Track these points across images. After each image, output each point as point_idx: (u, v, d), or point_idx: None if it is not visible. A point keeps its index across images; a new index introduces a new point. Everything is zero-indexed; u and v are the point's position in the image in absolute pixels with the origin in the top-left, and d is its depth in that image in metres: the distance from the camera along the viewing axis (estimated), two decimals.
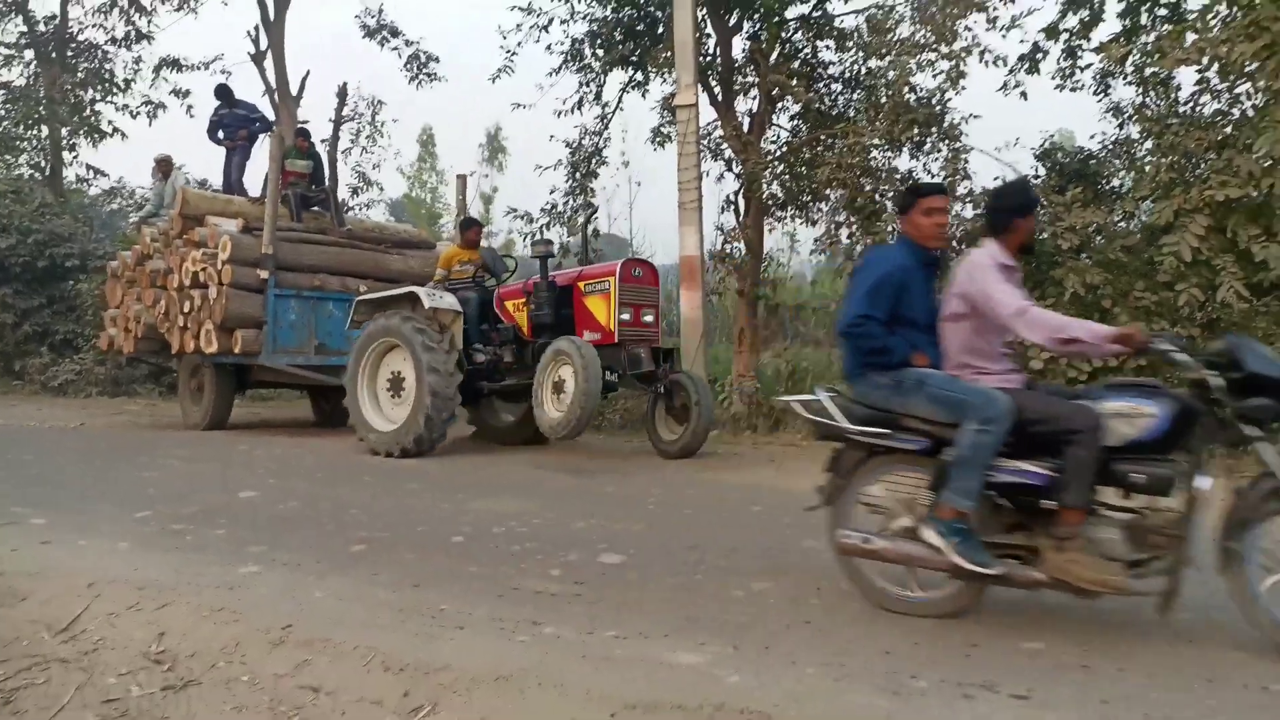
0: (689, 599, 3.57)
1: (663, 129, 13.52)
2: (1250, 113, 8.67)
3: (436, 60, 17.81)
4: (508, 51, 13.26)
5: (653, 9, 12.96)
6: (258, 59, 17.51)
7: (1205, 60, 8.29)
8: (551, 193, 13.29)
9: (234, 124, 11.23)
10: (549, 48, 13.55)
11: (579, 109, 13.61)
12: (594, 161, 13.66)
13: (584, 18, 13.24)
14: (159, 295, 9.69)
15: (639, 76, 13.47)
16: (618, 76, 13.68)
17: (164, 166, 11.40)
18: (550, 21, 13.22)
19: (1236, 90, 8.95)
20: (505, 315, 7.93)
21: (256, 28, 17.54)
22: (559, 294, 7.52)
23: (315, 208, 10.45)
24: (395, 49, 17.84)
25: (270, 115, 12.36)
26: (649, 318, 7.29)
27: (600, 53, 13.26)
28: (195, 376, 10.03)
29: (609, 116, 13.82)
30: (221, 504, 5.51)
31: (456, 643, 3.16)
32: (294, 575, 3.96)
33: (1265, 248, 7.52)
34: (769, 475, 6.71)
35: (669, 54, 11.09)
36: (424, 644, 3.14)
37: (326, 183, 11.10)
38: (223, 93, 11.51)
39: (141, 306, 10.03)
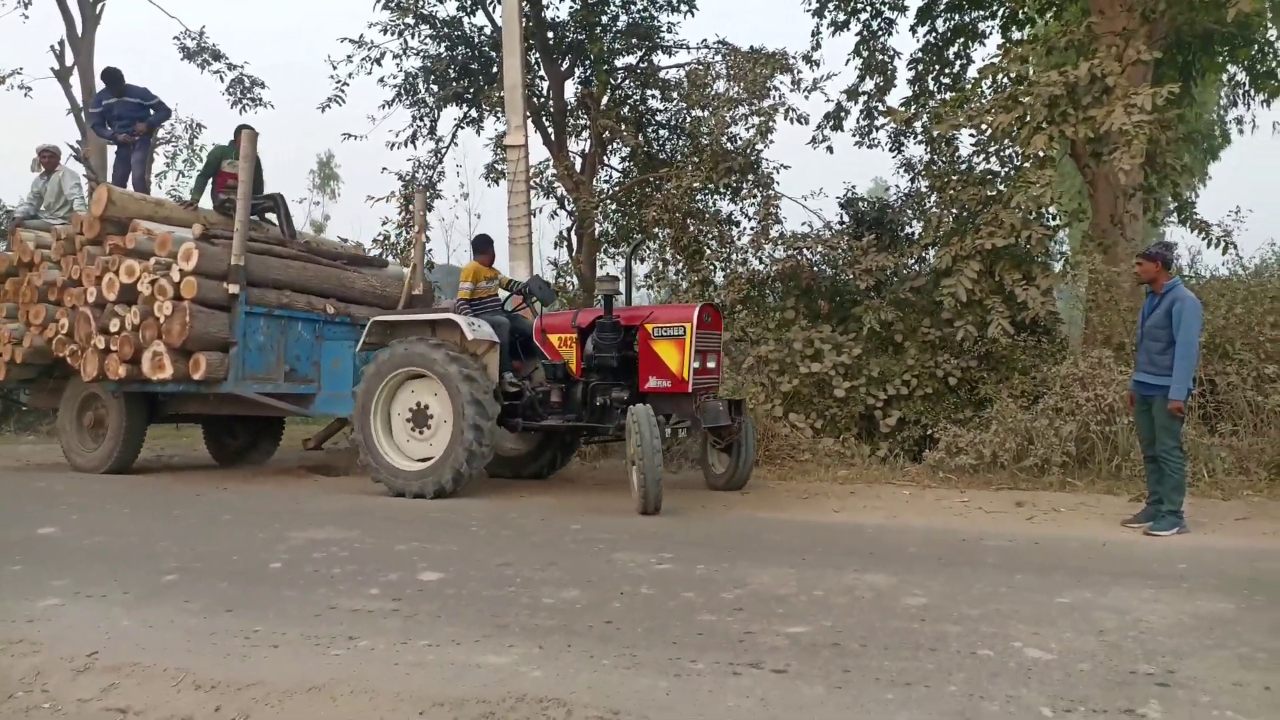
0: (503, 608, 3.81)
1: (497, 165, 13.82)
2: (1012, 173, 9.94)
3: (262, 85, 17.37)
4: (338, 82, 13.20)
5: (487, 49, 13.33)
6: (62, 75, 16.50)
7: (978, 127, 9.47)
8: (384, 224, 13.27)
9: (127, 114, 9.64)
10: (381, 80, 13.64)
11: (413, 142, 13.73)
12: (428, 194, 13.76)
13: (417, 54, 13.42)
14: (50, 311, 8.37)
15: (474, 113, 13.75)
16: (452, 112, 13.92)
17: (48, 158, 9.76)
18: (383, 55, 13.31)
19: (1004, 154, 10.24)
20: (549, 349, 7.19)
21: (61, 42, 16.56)
22: (624, 336, 6.91)
23: (258, 216, 9.06)
24: (217, 72, 17.25)
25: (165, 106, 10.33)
26: (713, 364, 6.88)
27: (435, 88, 13.45)
28: (89, 409, 8.69)
29: (443, 151, 14.01)
30: (16, 540, 5.24)
31: (270, 660, 3.26)
32: (100, 606, 3.89)
33: (1025, 290, 8.64)
34: (591, 497, 7.04)
35: (503, 94, 11.42)
36: (236, 663, 3.23)
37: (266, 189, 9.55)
38: (111, 77, 9.81)
39: (19, 325, 8.63)
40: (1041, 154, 8.62)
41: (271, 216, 9.19)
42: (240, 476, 8.61)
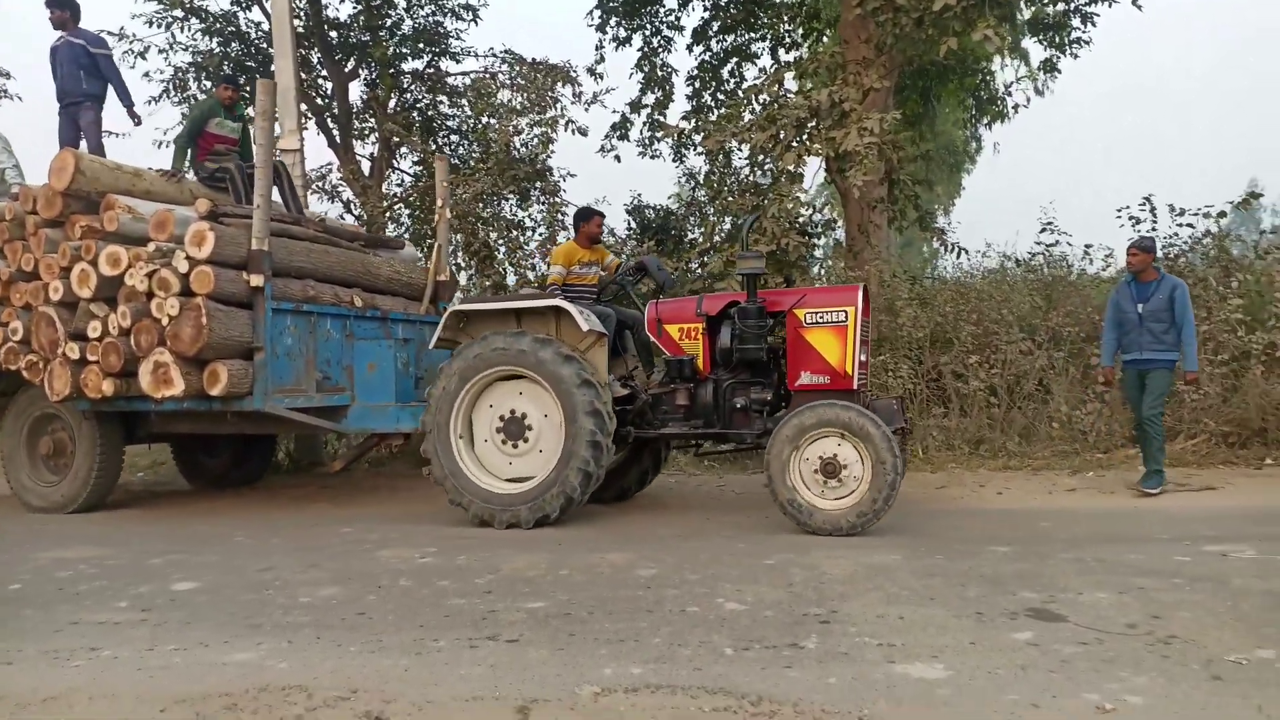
0: (257, 610, 3.91)
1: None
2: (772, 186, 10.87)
3: (8, 75, 15.79)
4: None
5: (264, 45, 12.88)
6: None
7: (744, 143, 10.30)
8: None
9: (72, 62, 7.58)
10: (146, 75, 12.87)
11: None
12: None
13: (186, 48, 12.78)
14: None
15: (251, 113, 13.24)
16: None
17: None
18: (147, 49, 12.58)
19: (766, 167, 11.17)
20: (666, 343, 6.15)
21: None
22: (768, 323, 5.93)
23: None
24: None
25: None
26: (864, 356, 5.93)
27: (208, 85, 12.84)
28: (44, 433, 7.06)
29: None
30: None
31: (1, 677, 3.22)
32: None
33: None
34: (376, 503, 7.11)
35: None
36: None
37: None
38: (67, 2, 7.68)
39: None
40: (793, 169, 9.52)
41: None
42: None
